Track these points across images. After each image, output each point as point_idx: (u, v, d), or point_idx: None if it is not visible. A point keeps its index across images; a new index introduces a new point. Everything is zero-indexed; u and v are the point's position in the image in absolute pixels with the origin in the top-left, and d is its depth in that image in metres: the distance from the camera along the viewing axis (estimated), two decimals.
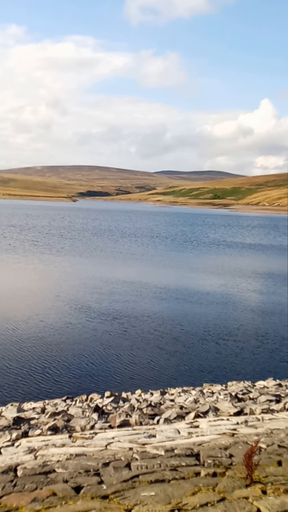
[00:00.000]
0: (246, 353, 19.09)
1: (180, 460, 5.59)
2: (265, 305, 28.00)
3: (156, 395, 13.00)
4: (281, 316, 25.03)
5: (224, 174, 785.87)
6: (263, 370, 17.26)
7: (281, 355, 19.02)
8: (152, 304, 26.84)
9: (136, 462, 5.38)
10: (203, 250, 56.78)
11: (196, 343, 20.00)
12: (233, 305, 27.42)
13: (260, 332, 22.06)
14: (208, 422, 9.05)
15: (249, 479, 4.71)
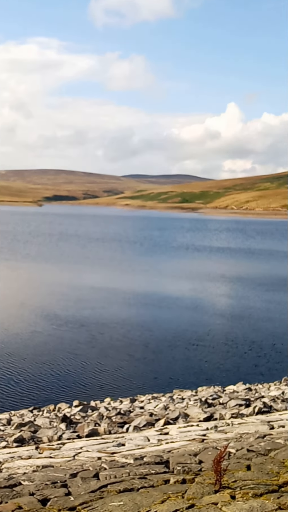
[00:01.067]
0: (216, 358, 19.23)
1: (149, 468, 5.56)
2: (234, 309, 28.28)
3: (126, 403, 12.95)
4: (250, 320, 25.32)
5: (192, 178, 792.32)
6: (233, 374, 17.40)
7: (250, 359, 19.22)
8: (120, 310, 26.78)
9: (104, 471, 5.33)
10: (172, 254, 57.03)
11: (166, 349, 20.03)
12: (202, 309, 27.60)
13: (229, 336, 22.26)
14: (178, 429, 9.06)
15: (218, 485, 4.72)
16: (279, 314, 26.80)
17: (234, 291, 34.71)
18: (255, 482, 4.82)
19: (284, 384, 15.06)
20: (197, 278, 39.11)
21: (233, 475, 5.12)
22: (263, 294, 32.55)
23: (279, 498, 4.30)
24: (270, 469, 5.28)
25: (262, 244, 74.07)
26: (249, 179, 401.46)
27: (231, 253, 60.81)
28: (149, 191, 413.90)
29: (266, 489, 4.56)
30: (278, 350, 20.27)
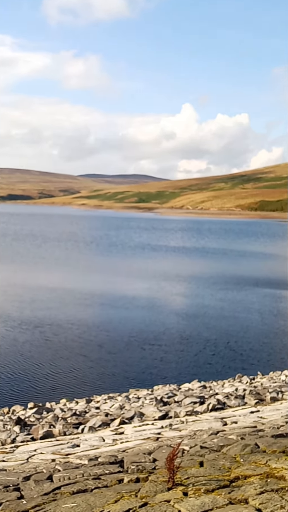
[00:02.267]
0: (171, 357, 19.40)
1: (103, 468, 5.57)
2: (189, 308, 28.60)
3: (82, 404, 12.89)
4: (205, 319, 25.68)
5: (148, 178, 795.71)
6: (188, 372, 17.61)
7: (205, 357, 19.50)
8: (76, 310, 26.61)
9: (58, 473, 5.30)
10: (128, 254, 57.12)
11: (122, 349, 20.06)
12: (158, 309, 27.78)
13: (184, 335, 22.50)
14: (133, 428, 9.10)
15: (171, 482, 4.78)
16: (233, 312, 27.32)
17: (189, 290, 35.11)
18: (207, 478, 4.91)
19: (237, 381, 15.37)
20: (153, 277, 39.32)
21: (186, 472, 5.19)
22: (217, 293, 33.07)
23: (230, 493, 4.40)
24: (222, 465, 5.38)
25: (216, 244, 75.22)
26: (204, 180, 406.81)
27: (186, 253, 61.44)
28: (105, 191, 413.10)
29: (218, 485, 4.65)
30: (231, 348, 20.66)
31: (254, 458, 5.49)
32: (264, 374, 16.53)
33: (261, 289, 34.85)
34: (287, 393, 11.75)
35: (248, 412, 9.69)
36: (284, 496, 4.17)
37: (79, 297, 30.03)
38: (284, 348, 21.19)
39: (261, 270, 45.99)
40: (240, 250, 64.71)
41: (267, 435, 6.83)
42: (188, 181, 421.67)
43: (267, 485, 4.46)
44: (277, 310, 28.45)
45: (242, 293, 33.14)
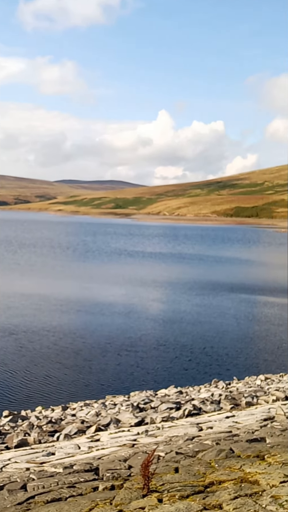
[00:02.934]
0: (148, 363, 19.39)
1: (78, 476, 5.54)
2: (166, 314, 28.65)
3: (58, 411, 12.78)
4: (181, 324, 25.75)
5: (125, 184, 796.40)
6: (164, 378, 17.62)
7: (181, 362, 19.54)
8: (51, 317, 26.41)
9: (32, 482, 5.25)
10: (105, 260, 57.00)
11: (98, 355, 19.97)
12: (134, 315, 27.75)
13: (161, 341, 22.52)
14: (109, 435, 9.06)
15: (146, 489, 4.77)
16: (209, 317, 27.47)
17: (165, 296, 35.19)
18: (182, 484, 4.92)
19: (213, 386, 15.45)
20: (129, 283, 39.30)
21: (161, 478, 5.20)
22: (193, 298, 33.21)
23: (204, 499, 4.42)
24: (197, 471, 5.40)
25: (192, 249, 75.61)
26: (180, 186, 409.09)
27: (163, 258, 61.60)
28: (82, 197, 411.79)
29: (192, 491, 4.66)
30: (208, 353, 20.76)
31: (229, 463, 5.53)
32: (240, 379, 16.66)
33: (237, 295, 35.14)
34: (262, 397, 11.85)
35: (223, 417, 9.74)
36: (258, 500, 4.21)
37: (55, 304, 29.82)
38: (260, 353, 21.39)
39: (237, 276, 46.38)
40: (216, 256, 65.18)
41: (241, 440, 6.88)
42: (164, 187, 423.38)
43: (241, 490, 4.50)
44: (252, 316, 28.72)
45: (218, 299, 33.36)
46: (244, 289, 37.54)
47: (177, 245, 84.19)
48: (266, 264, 58.41)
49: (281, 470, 4.95)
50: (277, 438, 6.74)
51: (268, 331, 25.05)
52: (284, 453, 5.64)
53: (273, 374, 17.05)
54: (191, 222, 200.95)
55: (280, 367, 18.92)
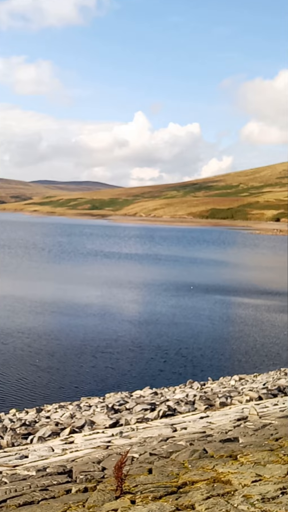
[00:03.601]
0: (123, 364, 19.37)
1: (51, 479, 5.50)
2: (141, 315, 28.68)
3: (32, 413, 12.67)
4: (156, 325, 25.80)
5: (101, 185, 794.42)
6: (140, 379, 17.64)
7: (157, 364, 19.58)
8: (26, 319, 26.17)
9: (4, 486, 5.19)
10: (81, 261, 56.75)
11: (73, 357, 19.86)
12: (110, 316, 27.70)
13: (136, 342, 22.53)
14: (84, 437, 9.03)
15: (119, 491, 4.77)
16: (184, 319, 27.60)
17: (141, 297, 35.22)
18: (155, 485, 4.93)
19: (188, 387, 15.53)
20: (105, 284, 39.22)
21: (135, 479, 5.20)
22: (169, 300, 33.33)
23: (177, 499, 4.43)
24: (171, 471, 5.42)
25: (168, 251, 75.85)
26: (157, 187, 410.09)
27: (139, 260, 61.65)
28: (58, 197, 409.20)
29: (165, 491, 4.68)
30: (183, 354, 20.85)
31: (202, 464, 5.57)
32: (215, 379, 16.78)
33: (212, 296, 35.39)
34: (236, 398, 11.96)
35: (197, 417, 9.80)
36: (230, 500, 4.24)
37: (29, 305, 29.55)
38: (234, 353, 21.59)
39: (212, 277, 46.70)
40: (192, 257, 65.53)
41: (215, 440, 6.93)
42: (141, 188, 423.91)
43: (213, 490, 4.53)
44: (227, 316, 28.95)
45: (193, 300, 33.54)
46: (219, 290, 37.82)
47: (153, 246, 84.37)
48: (240, 266, 58.97)
49: (253, 470, 5.00)
50: (250, 438, 6.81)
51: (242, 332, 25.29)
52: (256, 452, 5.71)
53: (247, 375, 17.23)
54: (167, 224, 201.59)
55: (254, 368, 19.13)
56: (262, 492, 4.29)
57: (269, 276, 50.09)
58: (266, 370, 18.27)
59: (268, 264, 63.59)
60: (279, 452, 5.63)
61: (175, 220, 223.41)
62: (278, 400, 11.05)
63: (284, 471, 4.86)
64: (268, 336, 24.60)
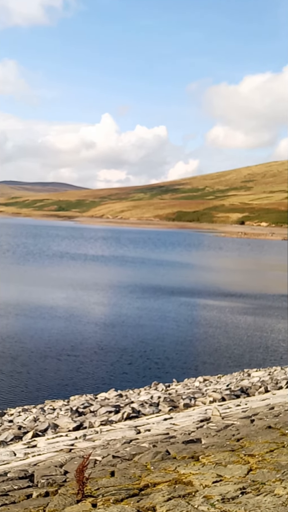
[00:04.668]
0: (88, 366, 19.27)
1: (12, 484, 5.42)
2: (107, 317, 28.61)
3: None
4: (122, 328, 25.78)
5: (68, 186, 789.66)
6: (105, 381, 17.59)
7: (122, 366, 19.56)
8: None
9: None
10: (46, 263, 56.18)
11: (37, 360, 19.63)
12: (75, 318, 27.51)
13: (102, 344, 22.45)
14: (47, 440, 8.93)
15: (80, 494, 4.74)
16: (150, 321, 27.66)
17: (107, 299, 35.13)
18: (117, 487, 4.92)
19: (153, 388, 15.57)
20: (70, 286, 38.94)
21: (97, 482, 5.18)
22: (134, 302, 33.36)
23: (138, 502, 4.44)
24: (133, 474, 5.42)
25: (134, 253, 75.95)
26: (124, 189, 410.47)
27: (105, 261, 61.51)
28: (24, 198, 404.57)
29: (127, 494, 4.67)
30: (148, 356, 20.89)
31: (164, 465, 5.59)
32: (179, 381, 16.87)
33: (177, 298, 35.60)
34: (199, 399, 12.06)
35: (161, 419, 9.83)
36: (190, 501, 4.27)
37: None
38: (199, 355, 21.77)
39: (177, 279, 47.00)
40: (158, 259, 65.79)
41: (178, 442, 6.97)
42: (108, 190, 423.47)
43: (174, 492, 4.55)
44: (192, 318, 29.18)
45: (158, 302, 33.66)
46: (184, 292, 38.09)
47: (120, 248, 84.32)
48: (205, 268, 59.54)
49: (214, 470, 5.05)
50: (212, 439, 6.88)
51: (207, 334, 25.53)
52: (218, 453, 5.76)
53: (211, 376, 17.39)
54: (134, 226, 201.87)
55: (218, 369, 19.34)
56: (222, 493, 4.34)
57: (233, 279, 50.76)
58: (229, 371, 18.49)
59: (232, 266, 64.43)
60: (240, 452, 5.70)
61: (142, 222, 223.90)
62: (240, 401, 11.20)
63: (244, 471, 4.93)
64: (232, 337, 24.91)
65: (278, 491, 4.21)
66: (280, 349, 23.13)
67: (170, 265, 60.12)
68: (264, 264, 68.06)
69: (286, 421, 7.31)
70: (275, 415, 8.02)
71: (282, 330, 27.01)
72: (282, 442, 5.95)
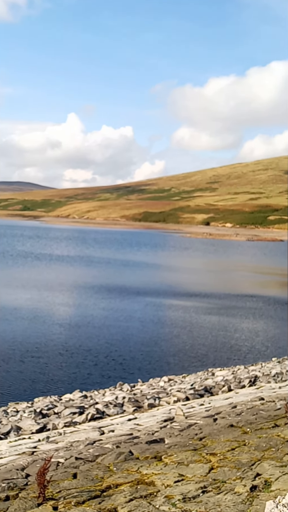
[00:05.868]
0: (53, 368, 19.08)
1: None
2: (72, 318, 28.39)
3: None
4: (87, 328, 25.64)
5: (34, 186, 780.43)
6: (70, 383, 17.45)
7: (87, 367, 19.44)
8: None
9: None
10: (10, 263, 55.35)
11: (1, 362, 19.30)
12: (39, 319, 27.20)
13: (67, 345, 22.27)
14: (9, 443, 8.80)
15: (41, 497, 4.69)
16: (115, 321, 27.61)
17: (72, 299, 34.88)
18: (79, 490, 4.89)
19: (118, 389, 15.54)
20: (35, 287, 38.49)
21: (59, 485, 5.13)
22: (100, 302, 33.23)
23: (100, 503, 4.42)
24: (95, 475, 5.40)
25: (100, 253, 75.68)
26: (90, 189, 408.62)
27: (70, 262, 61.05)
28: None
29: (89, 496, 4.65)
30: (114, 357, 20.84)
31: (127, 466, 5.58)
32: (144, 381, 16.90)
33: (143, 298, 35.65)
34: (164, 399, 12.10)
35: (126, 419, 9.82)
36: (152, 501, 4.28)
37: None
38: (164, 355, 21.85)
39: (143, 280, 47.09)
40: (124, 260, 65.75)
41: (141, 442, 6.98)
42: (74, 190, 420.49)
43: (136, 492, 4.55)
44: (157, 318, 29.26)
45: (124, 302, 33.63)
46: (150, 293, 38.18)
47: (85, 249, 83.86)
48: (171, 268, 59.83)
49: (176, 470, 5.08)
50: (175, 438, 6.91)
51: (172, 334, 25.65)
52: (180, 452, 5.80)
53: (176, 376, 17.48)
54: (101, 226, 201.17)
55: (183, 368, 19.46)
56: (183, 492, 4.36)
57: (198, 279, 51.19)
58: (194, 371, 18.63)
59: (197, 267, 64.96)
60: (202, 451, 5.75)
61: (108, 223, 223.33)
62: (204, 400, 11.29)
63: (205, 470, 4.97)
64: (197, 337, 25.11)
65: (238, 489, 4.26)
66: (243, 349, 23.45)
67: (136, 265, 60.18)
68: (228, 265, 68.91)
69: (248, 419, 7.42)
70: (237, 414, 8.13)
71: (245, 329, 27.41)
72: (243, 440, 6.04)
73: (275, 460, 5.03)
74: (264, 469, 4.77)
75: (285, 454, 5.21)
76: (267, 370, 15.91)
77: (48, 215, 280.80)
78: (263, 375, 14.72)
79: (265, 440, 5.89)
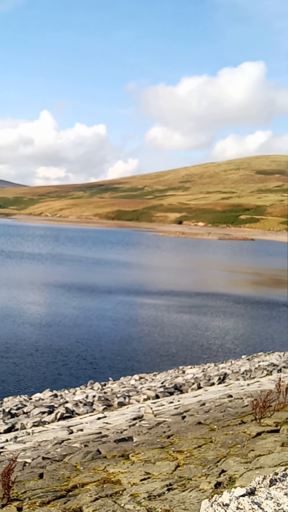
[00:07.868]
0: (22, 368, 18.89)
1: None
2: (43, 317, 28.16)
3: None
4: (58, 327, 25.47)
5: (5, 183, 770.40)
6: (40, 382, 17.32)
7: (58, 366, 19.32)
8: None
9: None
10: None
11: None
12: (9, 318, 26.89)
13: (37, 345, 22.08)
14: None
15: (6, 498, 4.63)
16: (86, 320, 27.50)
17: (43, 298, 34.60)
18: (44, 490, 4.84)
19: (89, 388, 15.49)
20: (5, 285, 38.02)
21: (24, 485, 5.07)
22: (71, 301, 33.05)
23: (65, 503, 4.39)
24: (62, 475, 5.36)
25: (73, 251, 75.25)
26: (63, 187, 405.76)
27: (42, 260, 60.51)
28: None
29: (54, 496, 4.61)
30: (85, 356, 20.77)
31: (94, 465, 5.56)
32: (116, 379, 16.88)
33: (114, 297, 35.61)
34: (134, 397, 12.11)
35: (95, 418, 9.79)
36: (117, 500, 4.27)
37: None
38: (135, 353, 21.87)
39: (115, 278, 47.03)
40: (96, 258, 65.54)
41: (110, 441, 6.96)
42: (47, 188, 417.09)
43: (102, 491, 4.54)
44: (129, 317, 29.28)
45: (95, 301, 33.53)
46: (121, 291, 38.16)
47: (58, 247, 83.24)
48: (143, 267, 59.95)
49: (142, 468, 5.08)
50: (143, 437, 6.92)
51: (143, 332, 25.70)
52: (147, 450, 5.80)
53: (147, 374, 17.52)
54: (73, 224, 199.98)
55: (154, 367, 19.52)
56: (149, 490, 4.37)
57: (170, 277, 51.41)
58: (165, 369, 18.71)
59: (169, 265, 65.23)
60: (170, 449, 5.76)
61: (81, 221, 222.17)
62: (173, 397, 11.34)
63: (172, 467, 4.99)
64: (168, 335, 25.22)
65: (203, 486, 4.29)
66: (214, 346, 23.66)
67: (108, 263, 60.07)
68: (199, 263, 69.41)
69: (216, 416, 7.48)
70: (206, 411, 8.19)
71: (216, 327, 27.66)
72: (210, 437, 6.08)
73: (240, 456, 5.08)
74: (229, 465, 4.81)
75: (250, 450, 5.27)
76: (237, 368, 16.08)
77: (20, 213, 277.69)
78: (232, 373, 14.87)
79: (231, 437, 5.95)
